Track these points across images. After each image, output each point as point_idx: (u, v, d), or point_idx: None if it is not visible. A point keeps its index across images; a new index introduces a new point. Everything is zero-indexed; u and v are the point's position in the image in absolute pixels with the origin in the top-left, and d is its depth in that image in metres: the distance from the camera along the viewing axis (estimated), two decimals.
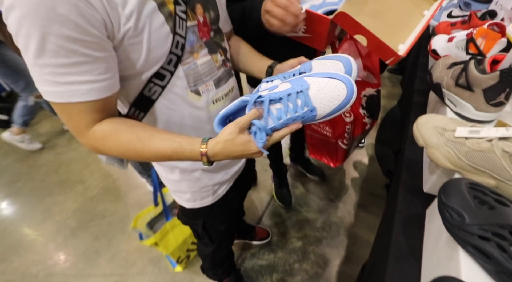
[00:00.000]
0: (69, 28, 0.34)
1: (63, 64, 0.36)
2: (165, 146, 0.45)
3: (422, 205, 0.60)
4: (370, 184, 1.70)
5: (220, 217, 0.79)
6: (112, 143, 0.44)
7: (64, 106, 0.40)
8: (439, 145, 0.49)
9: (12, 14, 0.33)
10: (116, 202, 1.72)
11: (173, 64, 0.47)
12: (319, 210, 1.58)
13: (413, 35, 0.63)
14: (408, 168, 0.69)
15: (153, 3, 0.42)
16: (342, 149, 1.08)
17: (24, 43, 0.35)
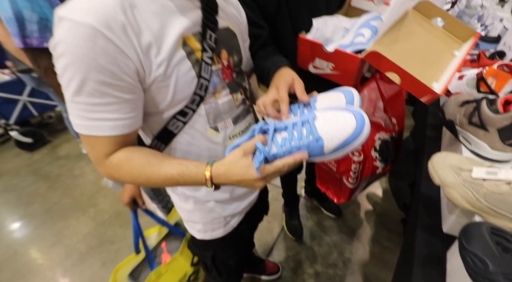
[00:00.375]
0: (106, 75, 0.40)
1: (95, 103, 0.41)
2: (173, 170, 0.47)
3: (442, 246, 0.57)
4: (385, 218, 1.63)
5: (230, 250, 0.78)
6: (125, 170, 0.47)
7: (90, 137, 0.45)
8: (456, 185, 0.49)
9: (61, 60, 0.39)
10: (126, 227, 1.72)
11: (196, 103, 0.51)
12: (332, 245, 1.51)
13: (447, 74, 0.63)
14: (425, 205, 0.67)
15: (182, 52, 0.46)
16: (347, 187, 1.05)
17: (66, 83, 0.41)
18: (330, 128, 0.44)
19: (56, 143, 2.62)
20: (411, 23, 0.73)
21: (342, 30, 0.78)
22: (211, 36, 0.51)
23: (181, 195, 0.66)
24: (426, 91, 0.58)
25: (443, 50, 0.71)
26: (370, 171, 1.01)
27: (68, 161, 2.38)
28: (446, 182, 0.50)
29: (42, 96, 2.47)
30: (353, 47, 0.68)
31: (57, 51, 0.39)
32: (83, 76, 0.39)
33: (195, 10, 0.49)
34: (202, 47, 0.49)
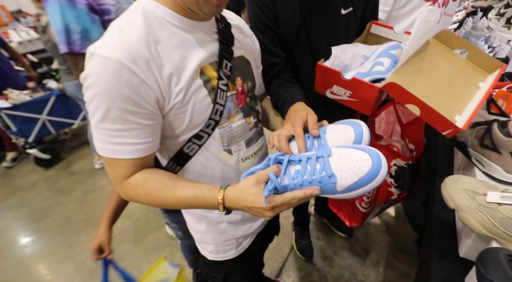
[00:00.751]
0: (129, 104, 0.44)
1: (118, 129, 0.45)
2: (187, 192, 0.49)
3: (460, 271, 0.56)
4: (399, 239, 1.58)
5: (242, 272, 0.77)
6: (142, 191, 0.50)
7: (111, 160, 0.48)
8: (471, 209, 0.49)
9: (89, 90, 0.44)
10: (135, 244, 1.72)
11: (211, 127, 0.54)
12: (344, 266, 1.47)
13: (471, 106, 0.60)
14: (440, 228, 0.66)
15: (199, 80, 0.50)
16: (359, 211, 1.01)
17: (92, 111, 0.45)
18: (344, 166, 0.43)
19: (70, 158, 2.70)
20: (432, 53, 0.70)
21: (360, 57, 0.78)
22: (226, 65, 0.54)
23: (194, 215, 0.68)
24: (447, 125, 0.55)
25: (467, 81, 0.67)
26: (385, 197, 0.98)
27: (81, 176, 2.43)
28: (460, 206, 0.50)
29: (60, 114, 2.57)
30: (372, 76, 0.68)
31: (86, 83, 0.43)
32: (108, 105, 0.43)
33: (213, 42, 0.53)
34: (218, 75, 0.53)
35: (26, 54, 3.18)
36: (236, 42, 0.58)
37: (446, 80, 0.66)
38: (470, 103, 0.62)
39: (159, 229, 1.80)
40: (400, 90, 0.58)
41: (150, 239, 1.75)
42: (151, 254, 1.64)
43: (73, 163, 2.62)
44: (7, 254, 1.75)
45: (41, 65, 3.05)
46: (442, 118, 0.55)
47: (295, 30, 0.75)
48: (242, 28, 0.63)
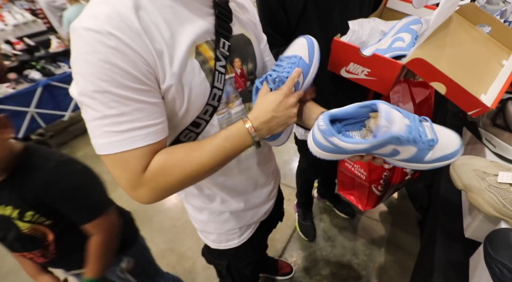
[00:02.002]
0: (129, 80, 0.38)
1: (123, 113, 0.38)
2: (216, 140, 0.45)
3: (464, 252, 0.56)
4: (401, 220, 1.59)
5: (246, 260, 0.77)
6: (171, 167, 0.42)
7: (121, 156, 0.40)
8: (481, 190, 0.47)
9: (79, 74, 0.37)
10: (142, 226, 1.75)
11: (209, 114, 0.50)
12: (346, 246, 1.50)
13: (496, 85, 0.58)
14: (445, 209, 0.65)
15: (195, 61, 0.45)
16: (375, 194, 1.00)
17: (88, 101, 0.38)
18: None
19: (74, 144, 2.71)
20: (455, 28, 0.66)
21: (378, 33, 0.73)
22: (224, 44, 0.49)
23: (196, 206, 0.65)
24: (475, 104, 0.52)
25: (490, 59, 0.64)
26: (400, 178, 0.97)
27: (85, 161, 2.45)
28: (469, 187, 0.48)
29: (49, 106, 2.49)
30: (392, 52, 0.64)
31: (76, 67, 0.38)
32: (106, 85, 0.37)
33: (208, 18, 0.48)
34: (215, 55, 0.48)
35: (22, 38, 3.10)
36: (235, 18, 0.53)
37: (469, 58, 0.63)
38: (494, 82, 0.59)
39: (164, 212, 1.83)
40: (426, 67, 0.54)
41: (155, 221, 1.79)
42: (157, 236, 1.68)
43: (76, 148, 2.64)
44: None
45: (38, 49, 2.99)
46: (470, 96, 0.52)
47: (303, 2, 0.70)
48: (241, 3, 0.58)
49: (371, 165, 0.94)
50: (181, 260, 1.52)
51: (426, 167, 0.45)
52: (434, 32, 0.63)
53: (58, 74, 2.58)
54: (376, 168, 0.94)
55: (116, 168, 0.41)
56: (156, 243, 1.63)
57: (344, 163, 1.06)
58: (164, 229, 1.72)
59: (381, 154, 0.45)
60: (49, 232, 0.72)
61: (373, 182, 0.96)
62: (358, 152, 0.44)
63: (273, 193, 0.76)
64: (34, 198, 0.66)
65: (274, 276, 1.36)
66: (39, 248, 0.73)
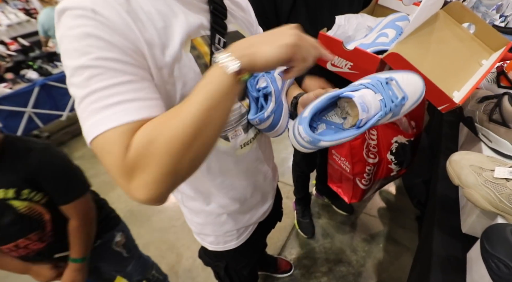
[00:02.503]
0: (120, 52, 0.35)
1: (112, 85, 0.33)
2: (197, 90, 0.35)
3: (462, 247, 0.56)
4: (399, 216, 1.60)
5: (244, 261, 0.76)
6: (151, 131, 0.33)
7: (109, 134, 0.32)
8: (477, 185, 0.47)
9: (65, 51, 0.34)
10: (140, 226, 1.76)
11: None
12: (345, 243, 1.50)
13: (470, 83, 0.60)
14: (442, 205, 0.65)
15: (190, 55, 0.44)
16: (359, 188, 1.03)
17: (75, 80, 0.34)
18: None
19: (71, 144, 2.70)
20: (440, 26, 0.69)
21: (365, 29, 0.75)
22: (220, 40, 0.49)
23: (192, 209, 0.64)
24: (444, 99, 0.55)
25: (470, 58, 0.66)
26: (385, 173, 0.99)
27: (83, 161, 2.44)
28: (466, 183, 0.48)
29: (46, 106, 2.47)
30: (375, 47, 0.66)
31: (63, 45, 0.35)
32: (91, 57, 0.33)
33: (203, 13, 0.48)
34: (211, 51, 0.47)
35: (16, 38, 3.07)
36: (230, 15, 0.53)
37: (449, 56, 0.64)
38: (469, 80, 0.61)
39: (163, 211, 1.83)
40: (401, 61, 0.56)
41: (154, 221, 1.78)
42: (156, 235, 1.68)
43: (74, 149, 2.62)
44: None
45: (33, 49, 2.96)
46: (439, 92, 0.54)
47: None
48: (237, 1, 0.57)
49: (354, 158, 0.96)
50: (181, 259, 1.52)
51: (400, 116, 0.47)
52: (418, 28, 0.64)
53: (55, 74, 2.56)
54: (359, 161, 0.97)
55: (103, 151, 0.33)
56: (155, 243, 1.63)
57: (332, 156, 1.08)
58: (163, 228, 1.72)
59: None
60: (45, 211, 0.73)
61: (357, 175, 0.99)
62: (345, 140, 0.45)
63: (272, 193, 0.75)
64: (29, 175, 0.68)
65: (274, 274, 1.37)
66: (37, 230, 0.73)
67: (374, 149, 0.95)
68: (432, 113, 1.40)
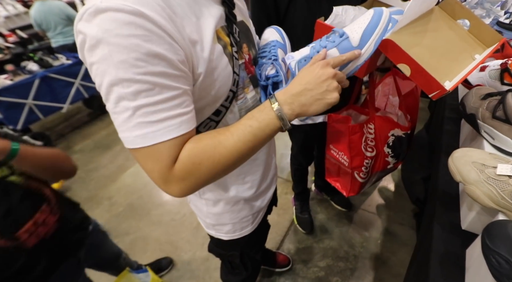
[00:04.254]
0: (164, 66, 0.35)
1: (157, 101, 0.36)
2: (242, 120, 0.42)
3: (461, 243, 0.56)
4: (398, 212, 1.61)
5: (257, 245, 0.79)
6: (199, 154, 0.40)
7: (153, 148, 0.37)
8: (479, 182, 0.47)
9: (106, 61, 0.33)
10: (140, 219, 1.77)
11: (230, 100, 0.49)
12: (343, 238, 1.51)
13: (461, 74, 0.61)
14: (442, 202, 0.65)
15: (219, 46, 0.44)
16: (357, 181, 1.05)
17: (117, 91, 0.35)
18: (352, 25, 0.50)
19: (71, 138, 2.69)
20: (435, 20, 0.70)
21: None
22: (235, 29, 0.49)
23: (210, 200, 0.65)
24: (435, 86, 0.55)
25: (464, 51, 0.67)
26: (382, 166, 1.01)
27: (83, 155, 2.44)
28: (468, 179, 0.48)
29: (47, 98, 2.47)
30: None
31: (99, 52, 0.33)
32: (140, 71, 0.34)
33: (218, 4, 0.48)
34: (230, 41, 0.48)
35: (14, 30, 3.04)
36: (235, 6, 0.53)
37: (443, 48, 0.65)
38: (461, 72, 0.61)
39: (162, 205, 1.84)
40: (393, 48, 0.56)
41: (154, 215, 1.79)
42: (155, 229, 1.69)
43: (73, 143, 2.61)
44: None
45: (31, 41, 2.93)
46: (431, 79, 0.55)
47: None
48: None
49: (352, 152, 0.97)
50: (180, 253, 1.53)
51: (368, 50, 0.50)
52: (413, 22, 0.65)
53: (56, 66, 2.54)
54: (357, 155, 0.98)
55: (147, 162, 0.39)
56: (155, 236, 1.63)
57: (329, 151, 1.09)
58: (162, 222, 1.73)
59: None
60: (42, 186, 0.71)
61: (355, 169, 1.00)
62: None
63: (276, 175, 0.78)
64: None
65: (272, 268, 1.38)
66: (44, 202, 0.70)
67: (371, 143, 0.96)
68: (433, 110, 1.40)
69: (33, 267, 0.67)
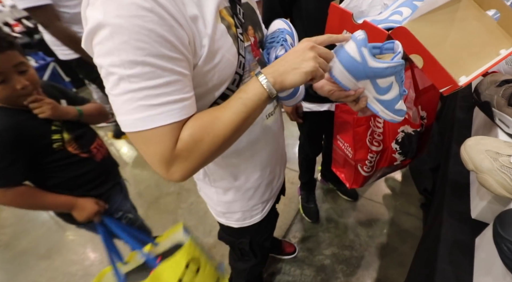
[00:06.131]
0: (167, 48, 0.35)
1: (159, 85, 0.36)
2: (233, 95, 0.43)
3: (470, 232, 0.56)
4: (404, 202, 1.60)
5: (266, 233, 0.80)
6: (200, 130, 0.40)
7: (156, 131, 0.37)
8: (492, 170, 0.46)
9: (109, 42, 0.33)
10: (148, 208, 1.80)
11: (236, 84, 0.48)
12: (349, 227, 1.52)
13: (480, 70, 0.57)
14: (453, 191, 0.65)
15: (222, 26, 0.44)
16: (361, 174, 1.04)
17: (120, 72, 0.34)
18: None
19: None
20: (460, 10, 0.64)
21: (381, 6, 0.71)
22: (240, 10, 0.48)
23: (220, 188, 0.66)
24: (447, 81, 0.53)
25: (489, 45, 0.62)
26: (388, 162, 0.99)
27: None
28: (480, 168, 0.47)
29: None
30: (386, 24, 0.62)
31: (102, 34, 0.33)
32: (143, 54, 0.34)
33: None
34: (235, 22, 0.47)
35: (21, 19, 3.03)
36: None
37: (466, 40, 0.61)
38: (481, 68, 0.57)
39: (169, 194, 1.87)
40: (408, 37, 0.53)
41: (161, 203, 1.83)
42: (163, 217, 1.72)
43: None
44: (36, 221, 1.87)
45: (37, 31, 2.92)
46: (443, 72, 0.52)
47: None
48: None
49: (356, 144, 0.96)
50: None
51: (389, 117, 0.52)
52: (436, 9, 0.60)
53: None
54: (361, 148, 0.97)
55: (149, 144, 0.39)
56: (163, 224, 1.67)
57: (336, 141, 1.08)
58: (170, 210, 1.76)
59: (376, 87, 0.49)
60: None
61: (359, 162, 0.99)
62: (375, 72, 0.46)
63: (285, 166, 0.79)
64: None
65: (278, 256, 1.40)
66: (97, 135, 0.97)
67: (379, 137, 0.94)
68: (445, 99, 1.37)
69: (98, 177, 0.93)
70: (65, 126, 0.84)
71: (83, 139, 0.90)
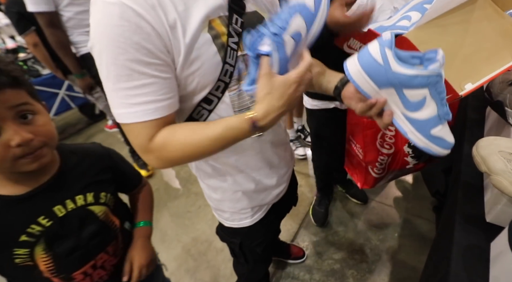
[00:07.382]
0: (143, 53, 0.40)
1: (134, 87, 0.41)
2: (218, 127, 0.45)
3: (485, 236, 0.54)
4: (416, 205, 1.57)
5: (258, 239, 0.78)
6: (172, 144, 0.45)
7: (133, 126, 0.44)
8: (506, 172, 0.45)
9: (96, 46, 0.41)
10: (157, 211, 1.80)
11: (221, 90, 0.50)
12: (359, 231, 1.49)
13: (487, 77, 0.54)
14: (465, 194, 0.63)
15: (207, 35, 0.46)
16: (372, 176, 1.03)
17: (105, 72, 0.41)
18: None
19: (91, 132, 2.80)
20: (475, 11, 0.60)
21: (390, 10, 0.71)
22: (237, 20, 0.49)
23: (210, 185, 0.67)
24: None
25: (502, 51, 0.57)
26: (400, 165, 0.98)
27: None
28: (494, 169, 0.46)
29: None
30: (393, 30, 0.61)
31: (93, 38, 0.41)
32: (121, 58, 0.39)
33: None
34: (228, 31, 0.48)
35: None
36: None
37: (476, 45, 0.57)
38: (490, 74, 0.54)
39: (178, 197, 1.88)
40: (410, 47, 0.52)
41: (171, 207, 1.84)
42: (173, 220, 1.74)
43: (93, 136, 2.72)
44: None
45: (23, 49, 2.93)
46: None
47: None
48: None
49: (366, 146, 0.95)
50: (196, 243, 1.57)
51: (422, 143, 0.45)
52: (451, 11, 0.57)
53: (44, 75, 2.54)
54: (371, 150, 0.96)
55: (130, 135, 0.46)
56: (172, 227, 1.69)
57: (349, 142, 1.07)
58: (179, 213, 1.77)
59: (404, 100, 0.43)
60: (115, 217, 0.65)
61: (369, 163, 0.99)
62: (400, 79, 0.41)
63: (286, 176, 0.76)
64: (102, 169, 0.63)
65: (287, 260, 1.39)
66: (112, 240, 0.64)
67: (390, 140, 0.93)
68: None
69: None
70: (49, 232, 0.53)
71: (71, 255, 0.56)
